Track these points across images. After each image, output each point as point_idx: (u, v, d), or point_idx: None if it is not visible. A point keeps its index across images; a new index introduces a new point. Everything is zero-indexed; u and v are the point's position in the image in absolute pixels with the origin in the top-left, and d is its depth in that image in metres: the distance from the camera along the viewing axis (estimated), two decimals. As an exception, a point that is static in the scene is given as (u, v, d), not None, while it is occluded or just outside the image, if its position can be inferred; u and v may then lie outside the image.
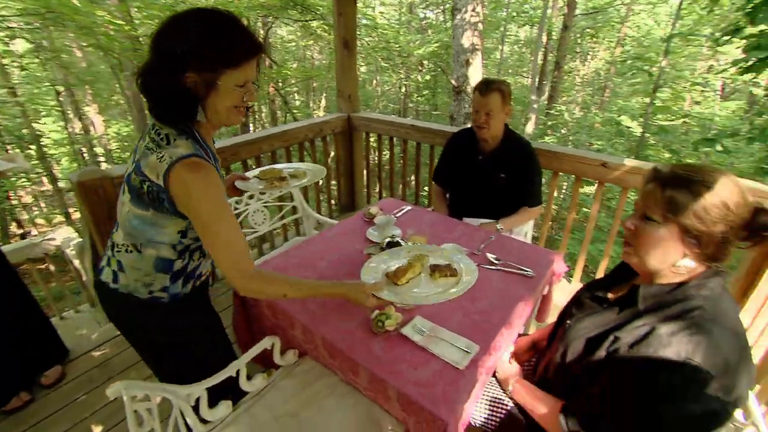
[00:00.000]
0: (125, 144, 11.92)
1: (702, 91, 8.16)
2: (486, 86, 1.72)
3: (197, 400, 1.05)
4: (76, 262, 3.28)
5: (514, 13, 11.27)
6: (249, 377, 1.20)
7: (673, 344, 0.75)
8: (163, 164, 0.89)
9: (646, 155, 7.13)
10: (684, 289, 0.81)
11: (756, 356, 1.65)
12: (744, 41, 3.61)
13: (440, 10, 14.05)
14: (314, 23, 7.41)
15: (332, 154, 3.30)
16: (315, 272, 1.43)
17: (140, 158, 0.94)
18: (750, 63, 3.33)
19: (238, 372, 1.14)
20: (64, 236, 3.43)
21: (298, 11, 6.94)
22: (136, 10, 4.57)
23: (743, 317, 1.41)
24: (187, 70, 0.87)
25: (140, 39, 4.18)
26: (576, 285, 2.41)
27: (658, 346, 0.76)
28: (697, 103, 8.50)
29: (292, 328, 1.27)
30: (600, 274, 2.33)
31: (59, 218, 10.36)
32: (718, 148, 3.61)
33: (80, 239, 3.25)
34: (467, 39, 4.77)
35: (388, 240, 1.30)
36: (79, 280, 3.43)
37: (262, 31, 9.03)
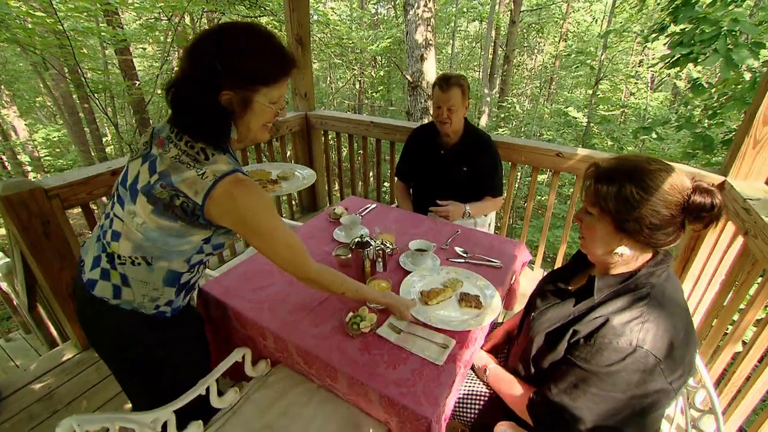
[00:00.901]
0: (57, 150, 10.82)
1: (635, 83, 8.88)
2: (446, 82, 1.74)
3: (164, 426, 0.97)
4: (3, 285, 2.94)
5: (464, 9, 11.56)
6: (220, 393, 1.13)
7: (625, 333, 0.80)
8: (206, 181, 0.86)
9: (592, 144, 7.65)
10: (636, 278, 0.87)
11: (695, 321, 1.83)
12: (668, 38, 3.96)
13: (391, 6, 14.08)
14: (264, 19, 7.13)
15: (288, 154, 3.20)
16: (283, 277, 1.37)
17: (168, 170, 0.88)
18: (675, 58, 3.65)
19: (207, 389, 1.08)
20: (-13, 258, 3.06)
21: (246, 6, 6.64)
22: (58, 1, 4.12)
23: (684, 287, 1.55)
24: (224, 88, 0.85)
25: (67, 34, 3.77)
26: (538, 272, 2.53)
27: (612, 337, 0.81)
28: (632, 94, 9.24)
29: (263, 338, 1.21)
30: (560, 259, 2.45)
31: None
32: (653, 135, 3.94)
33: (7, 259, 2.91)
34: (421, 34, 4.82)
35: (357, 240, 1.28)
36: (8, 304, 3.08)
37: (207, 28, 8.53)
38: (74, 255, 1.82)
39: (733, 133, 4.01)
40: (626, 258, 0.88)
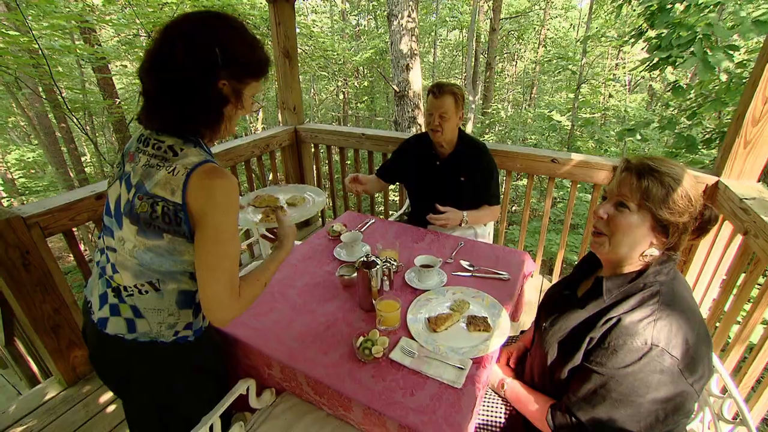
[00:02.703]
0: (33, 172, 10.44)
1: (613, 86, 9.14)
2: (439, 89, 1.72)
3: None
4: (-20, 318, 2.76)
5: (447, 18, 11.76)
6: (227, 426, 1.06)
7: (639, 332, 0.78)
8: (179, 176, 0.82)
9: (577, 147, 7.80)
10: (643, 277, 0.85)
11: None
12: (646, 43, 4.08)
13: (372, 17, 14.24)
14: (246, 32, 7.07)
15: (272, 174, 3.14)
16: (286, 301, 1.31)
17: (141, 179, 0.85)
18: (654, 61, 3.75)
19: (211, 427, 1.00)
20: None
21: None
22: (31, 19, 3.99)
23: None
24: (221, 77, 0.84)
25: (43, 52, 3.64)
26: (537, 278, 2.52)
27: (626, 337, 0.79)
28: (611, 96, 9.50)
29: (268, 367, 1.15)
30: (558, 264, 2.45)
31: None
32: (638, 137, 4.02)
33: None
34: (405, 44, 4.84)
35: (362, 260, 1.23)
36: (-17, 338, 2.90)
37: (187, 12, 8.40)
38: (57, 285, 1.71)
39: (712, 132, 4.13)
40: (653, 258, 0.86)
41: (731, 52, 3.22)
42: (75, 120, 5.14)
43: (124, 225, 0.88)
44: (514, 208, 9.18)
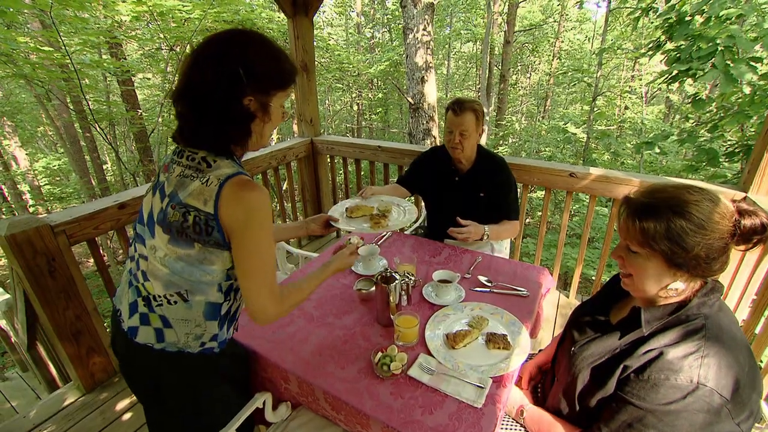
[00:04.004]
0: (58, 179, 10.82)
1: (630, 97, 9.04)
2: (459, 106, 1.70)
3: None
4: (2, 323, 2.85)
5: (462, 30, 11.87)
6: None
7: (684, 369, 0.74)
8: (212, 187, 0.84)
9: (592, 159, 7.70)
10: (686, 309, 0.81)
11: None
12: (664, 55, 4.03)
13: (386, 30, 14.47)
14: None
15: (284, 186, 3.17)
16: (302, 314, 1.31)
17: (175, 189, 0.88)
18: (674, 74, 3.70)
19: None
20: (-15, 293, 2.99)
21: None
22: (63, 35, 4.19)
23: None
24: (247, 93, 0.86)
25: (75, 67, 3.81)
26: (554, 293, 2.47)
27: (669, 372, 0.75)
28: (627, 108, 9.39)
29: (285, 381, 1.14)
30: (575, 279, 2.40)
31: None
32: (656, 150, 3.95)
33: (7, 296, 2.83)
34: (420, 57, 4.90)
35: (381, 274, 1.23)
36: (5, 342, 2.98)
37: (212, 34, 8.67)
38: (79, 292, 1.75)
39: (735, 145, 4.03)
40: (679, 291, 0.83)
41: (754, 64, 3.15)
42: (99, 129, 5.33)
43: (157, 233, 0.90)
44: (528, 220, 9.07)
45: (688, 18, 3.63)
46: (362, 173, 3.06)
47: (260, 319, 0.92)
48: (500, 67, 9.82)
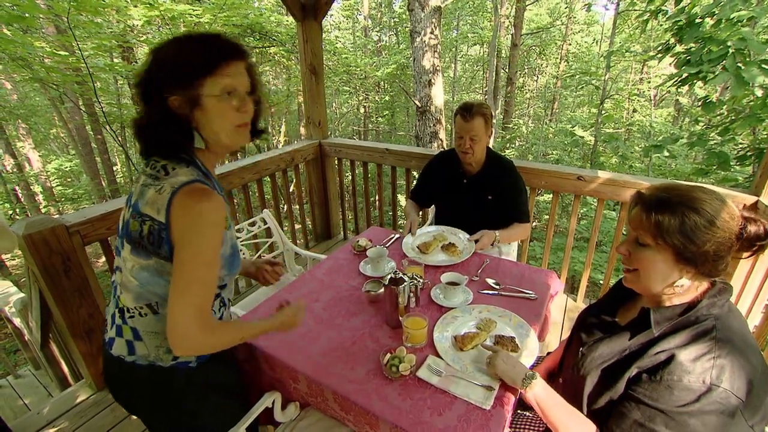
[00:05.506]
0: (69, 180, 11.01)
1: (638, 100, 8.97)
2: (468, 111, 1.70)
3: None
4: (17, 321, 2.90)
5: (471, 34, 11.88)
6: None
7: (696, 370, 0.74)
8: (164, 195, 0.81)
9: (600, 162, 7.64)
10: (695, 310, 0.81)
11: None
12: (674, 58, 4.00)
13: (393, 33, 14.53)
14: (272, 49, 7.35)
15: (291, 188, 3.20)
16: (311, 315, 1.33)
17: (137, 198, 0.85)
18: (684, 76, 3.67)
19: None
20: (0, 291, 3.04)
21: (255, 38, 6.86)
22: (78, 41, 4.29)
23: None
24: (169, 92, 0.81)
25: (87, 69, 3.90)
26: (560, 297, 2.45)
27: (682, 374, 0.75)
28: (635, 111, 9.32)
29: (294, 381, 1.16)
30: (583, 283, 2.38)
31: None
32: (665, 153, 3.91)
33: (21, 294, 2.88)
34: (428, 60, 4.91)
35: (390, 276, 1.24)
36: (19, 339, 3.03)
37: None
38: (92, 291, 1.79)
39: (746, 148, 3.98)
40: (684, 288, 0.83)
41: (766, 67, 3.11)
42: (110, 129, 5.41)
43: (124, 245, 0.89)
44: (534, 224, 9.03)
45: (698, 20, 3.60)
46: (369, 176, 3.08)
47: (179, 346, 0.80)
48: (507, 70, 9.81)
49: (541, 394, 0.94)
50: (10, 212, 9.21)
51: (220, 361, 1.03)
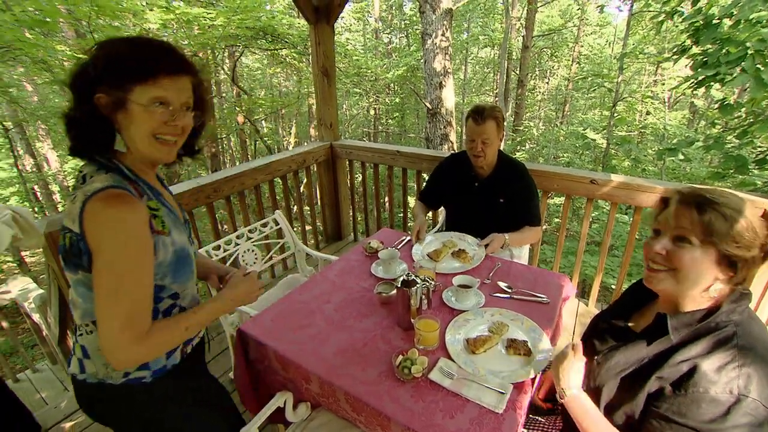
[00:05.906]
0: (84, 180, 11.25)
1: (652, 103, 8.84)
2: (480, 115, 1.70)
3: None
4: (36, 317, 2.97)
5: (482, 36, 11.84)
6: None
7: (721, 380, 0.72)
8: (77, 204, 0.75)
9: (612, 165, 7.55)
10: (715, 316, 0.79)
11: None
12: (690, 60, 3.93)
13: (404, 35, 14.57)
14: (284, 51, 7.43)
15: (302, 188, 3.23)
16: (322, 316, 1.34)
17: (65, 212, 0.82)
18: (700, 78, 3.60)
19: (250, 439, 1.03)
20: (21, 287, 3.12)
21: (267, 40, 6.95)
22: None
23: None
24: (98, 89, 0.77)
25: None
26: (572, 302, 2.43)
27: (708, 385, 0.73)
28: (648, 113, 9.18)
29: (306, 381, 1.17)
30: (595, 288, 2.36)
31: (9, 264, 9.51)
32: (680, 156, 3.85)
33: (41, 291, 2.96)
34: (439, 63, 4.92)
35: (402, 278, 1.24)
36: (37, 334, 3.11)
37: (228, 62, 8.95)
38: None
39: (765, 152, 3.89)
40: (718, 293, 0.81)
41: (787, 69, 3.05)
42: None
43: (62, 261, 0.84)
44: (545, 227, 8.94)
45: (716, 21, 3.54)
46: (379, 177, 3.09)
47: (113, 360, 0.77)
48: (518, 72, 9.75)
49: (578, 406, 0.91)
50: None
51: (184, 372, 0.97)
